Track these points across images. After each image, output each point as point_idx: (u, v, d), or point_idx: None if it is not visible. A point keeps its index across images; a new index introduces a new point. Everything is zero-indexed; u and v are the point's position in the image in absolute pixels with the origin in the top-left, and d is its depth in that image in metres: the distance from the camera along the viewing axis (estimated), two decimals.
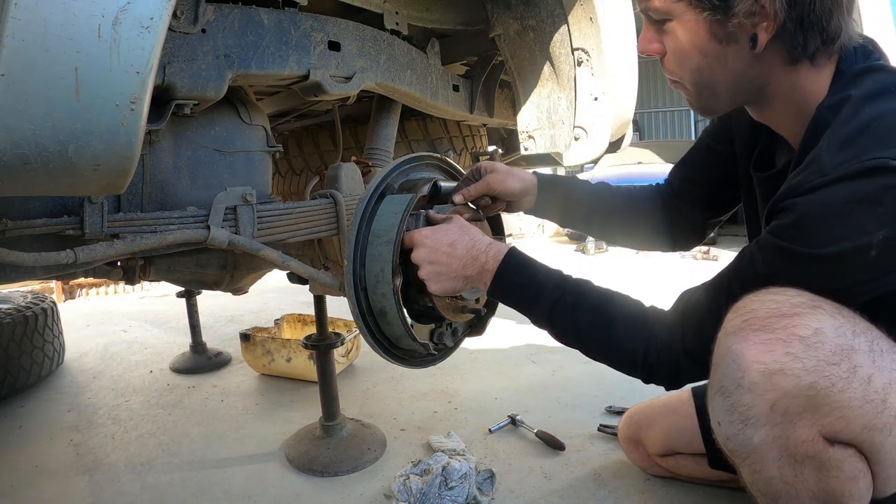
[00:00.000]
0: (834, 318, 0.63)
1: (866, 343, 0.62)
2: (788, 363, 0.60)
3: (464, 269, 0.89)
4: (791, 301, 0.64)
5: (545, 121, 1.67)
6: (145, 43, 0.59)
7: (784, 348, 0.61)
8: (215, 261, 1.37)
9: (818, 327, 0.61)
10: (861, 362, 0.61)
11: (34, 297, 2.55)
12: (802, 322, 0.62)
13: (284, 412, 2.00)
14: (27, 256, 0.84)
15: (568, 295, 0.87)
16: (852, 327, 0.63)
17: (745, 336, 0.64)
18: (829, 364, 0.60)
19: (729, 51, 0.75)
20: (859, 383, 0.60)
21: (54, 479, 1.59)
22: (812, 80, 0.76)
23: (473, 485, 1.38)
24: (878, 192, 0.61)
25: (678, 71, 0.82)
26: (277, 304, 3.80)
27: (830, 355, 0.60)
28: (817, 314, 0.63)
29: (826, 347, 0.60)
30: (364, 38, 1.23)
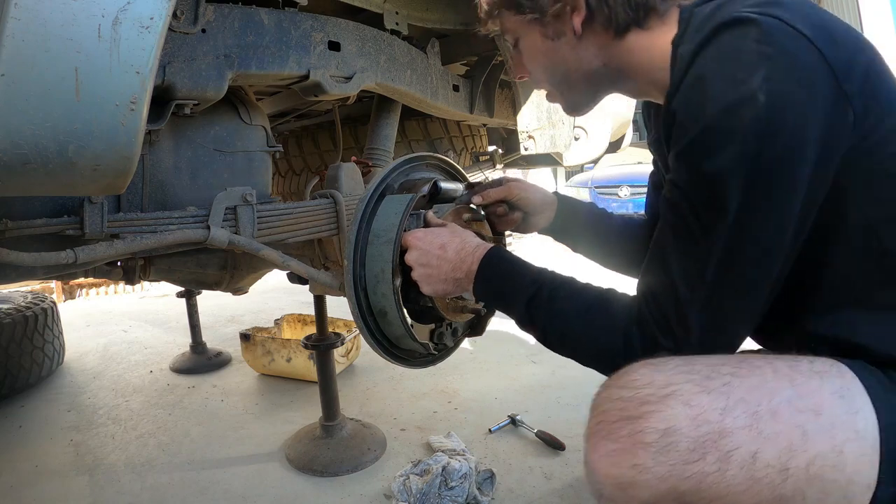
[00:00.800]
0: (690, 406, 0.56)
1: (744, 416, 0.56)
2: (637, 476, 0.55)
3: (453, 271, 0.88)
4: (639, 395, 0.58)
5: (545, 121, 1.67)
6: (145, 43, 0.59)
7: (630, 460, 0.55)
8: (215, 261, 1.37)
9: (668, 427, 0.55)
10: (737, 443, 0.55)
11: (34, 297, 2.55)
12: (648, 425, 0.56)
13: (284, 412, 2.00)
14: (27, 256, 0.84)
15: (544, 289, 0.80)
16: (723, 402, 0.56)
17: (595, 445, 0.59)
18: (687, 463, 0.54)
19: (561, 45, 0.81)
20: (739, 467, 0.54)
21: (54, 479, 1.59)
22: (653, 41, 0.76)
23: (473, 485, 1.38)
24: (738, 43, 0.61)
25: (540, 80, 0.89)
26: (277, 304, 3.80)
27: (688, 453, 0.54)
28: (668, 408, 0.56)
29: (681, 446, 0.55)
30: (364, 38, 1.23)
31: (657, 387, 0.58)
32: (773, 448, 0.55)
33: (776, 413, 0.56)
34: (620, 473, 0.56)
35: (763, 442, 0.55)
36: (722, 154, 0.61)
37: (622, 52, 0.79)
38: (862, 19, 4.78)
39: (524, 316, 0.81)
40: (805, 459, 0.55)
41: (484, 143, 2.30)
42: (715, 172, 0.62)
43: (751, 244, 0.63)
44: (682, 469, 0.54)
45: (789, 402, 0.56)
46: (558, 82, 0.86)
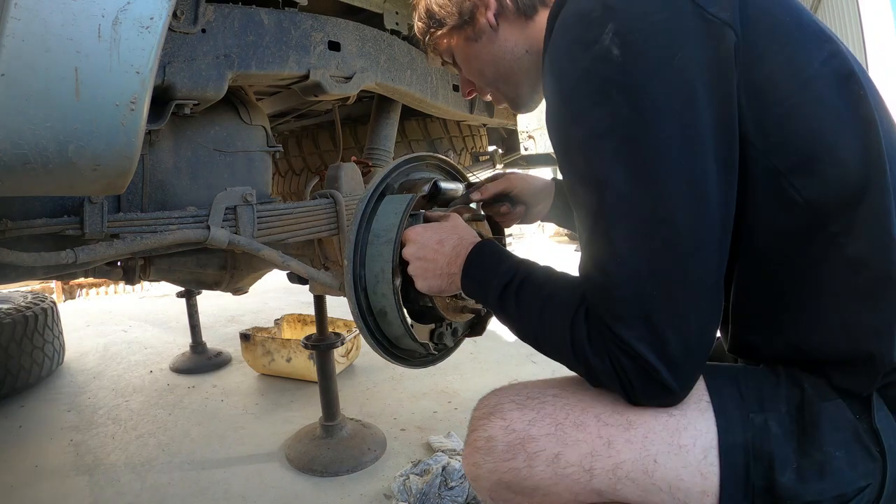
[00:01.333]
0: (504, 419, 0.70)
1: (549, 426, 0.67)
2: (475, 470, 0.71)
3: (448, 266, 0.86)
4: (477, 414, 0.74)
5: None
6: (145, 43, 0.59)
7: (471, 460, 0.72)
8: (215, 261, 1.37)
9: (488, 435, 0.70)
10: (541, 446, 0.66)
11: (34, 297, 2.55)
12: (476, 434, 0.71)
13: (284, 412, 2.00)
14: (27, 256, 0.84)
15: (517, 278, 0.75)
16: (532, 416, 0.69)
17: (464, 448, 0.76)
18: (505, 461, 0.68)
19: (484, 43, 0.83)
20: (545, 465, 0.66)
21: (54, 479, 1.59)
22: None
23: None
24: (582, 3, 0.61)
25: (482, 86, 0.91)
26: (277, 304, 3.80)
27: (503, 453, 0.68)
28: (489, 423, 0.71)
29: (498, 448, 0.68)
30: (364, 38, 1.23)
31: (489, 407, 0.73)
32: (575, 452, 0.65)
33: (581, 425, 0.66)
34: (469, 470, 0.73)
35: (564, 447, 0.66)
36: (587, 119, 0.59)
37: (539, 32, 0.79)
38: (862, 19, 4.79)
39: (496, 307, 0.77)
40: (611, 463, 0.64)
41: (484, 143, 2.30)
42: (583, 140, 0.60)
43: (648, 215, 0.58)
44: (501, 465, 0.68)
45: (598, 417, 0.66)
46: (494, 80, 0.88)
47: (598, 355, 0.63)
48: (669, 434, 0.63)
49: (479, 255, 0.82)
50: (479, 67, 0.87)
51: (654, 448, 0.63)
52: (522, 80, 0.87)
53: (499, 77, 0.87)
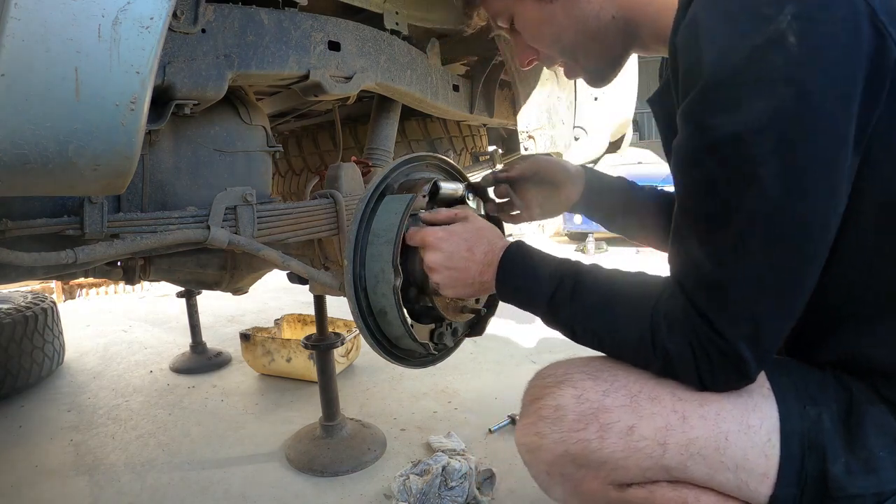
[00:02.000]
0: (575, 388, 0.68)
1: (624, 398, 0.66)
2: (538, 441, 0.69)
3: (480, 275, 0.82)
4: (543, 382, 0.72)
5: (545, 121, 1.67)
6: (145, 43, 0.59)
7: (534, 429, 0.69)
8: (215, 261, 1.37)
9: (557, 404, 0.68)
10: (615, 418, 0.65)
11: (34, 297, 2.54)
12: (544, 403, 0.69)
13: (284, 412, 2.00)
14: (27, 256, 0.84)
15: (566, 282, 0.73)
16: (606, 387, 0.67)
17: (519, 420, 0.75)
18: (574, 431, 0.66)
19: (563, 4, 0.73)
20: (617, 437, 0.65)
21: (54, 479, 1.59)
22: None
23: (473, 485, 1.38)
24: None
25: (552, 55, 0.80)
26: (277, 304, 3.80)
27: (574, 423, 0.66)
28: (560, 391, 0.69)
29: (568, 418, 0.67)
30: (364, 38, 1.23)
31: (557, 376, 0.72)
32: (650, 425, 0.64)
33: (657, 398, 0.65)
34: (529, 440, 0.70)
35: (640, 419, 0.65)
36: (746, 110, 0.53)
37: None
38: None
39: (547, 315, 0.76)
40: (685, 438, 0.63)
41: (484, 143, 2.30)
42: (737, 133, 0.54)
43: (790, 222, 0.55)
44: (570, 436, 0.66)
45: (672, 392, 0.65)
46: (571, 50, 0.77)
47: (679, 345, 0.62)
48: (740, 413, 0.63)
49: (513, 261, 0.80)
50: (553, 34, 0.76)
51: (726, 426, 0.63)
52: (605, 53, 0.77)
53: (578, 45, 0.76)
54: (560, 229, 7.94)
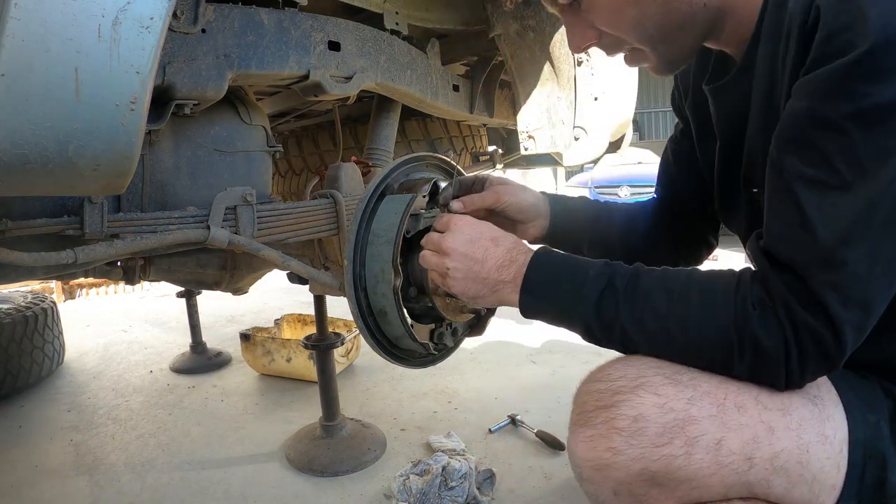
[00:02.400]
0: (658, 395, 0.60)
1: (711, 406, 0.59)
2: (611, 458, 0.60)
3: (498, 270, 0.74)
4: (612, 387, 0.62)
5: (545, 121, 1.67)
6: (145, 43, 0.59)
7: (605, 444, 0.60)
8: (215, 261, 1.37)
9: (637, 414, 0.59)
10: (703, 430, 0.59)
11: (34, 297, 2.54)
12: (620, 412, 0.60)
13: (284, 412, 2.00)
14: (27, 256, 0.84)
15: (617, 278, 0.66)
16: (690, 393, 0.60)
17: (575, 432, 0.64)
18: (656, 446, 0.58)
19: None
20: (705, 452, 0.58)
21: (54, 479, 1.59)
22: None
23: (473, 485, 1.38)
24: None
25: (622, 37, 0.71)
26: (277, 304, 3.80)
27: (656, 437, 0.59)
28: (636, 397, 0.60)
29: (650, 431, 0.59)
30: (364, 38, 1.23)
31: (629, 379, 0.62)
32: (738, 438, 0.58)
33: (742, 407, 0.60)
34: (597, 456, 0.61)
35: (728, 431, 0.58)
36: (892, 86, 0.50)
37: None
38: None
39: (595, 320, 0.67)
40: (770, 452, 0.58)
41: (484, 143, 2.30)
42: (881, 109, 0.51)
43: None
44: (652, 451, 0.58)
45: (756, 399, 0.60)
46: (652, 37, 0.70)
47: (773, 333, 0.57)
48: (818, 423, 0.60)
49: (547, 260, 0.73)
50: (635, 19, 0.68)
51: (807, 437, 0.60)
52: (686, 41, 0.70)
53: (662, 31, 0.69)
54: None
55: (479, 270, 0.75)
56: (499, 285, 0.74)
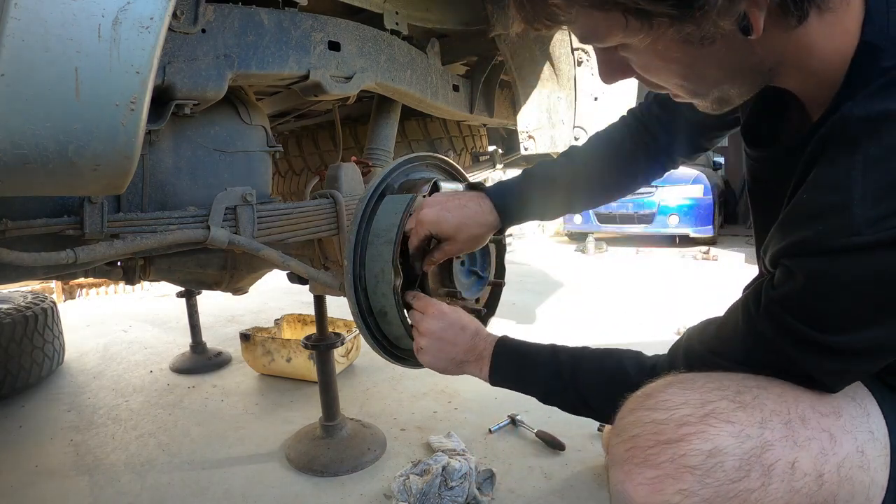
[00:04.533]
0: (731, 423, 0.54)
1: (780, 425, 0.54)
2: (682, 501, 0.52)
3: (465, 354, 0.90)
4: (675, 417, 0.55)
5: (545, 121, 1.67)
6: (145, 43, 0.59)
7: (675, 486, 0.52)
8: (215, 261, 1.37)
9: (713, 448, 0.52)
10: (778, 455, 0.53)
11: (34, 297, 2.54)
12: (692, 447, 0.53)
13: (284, 412, 2.00)
14: (27, 256, 0.84)
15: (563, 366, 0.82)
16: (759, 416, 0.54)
17: (630, 472, 0.55)
18: (733, 482, 0.52)
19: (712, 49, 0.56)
20: (780, 480, 0.52)
21: (54, 479, 1.58)
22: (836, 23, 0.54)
23: (473, 485, 1.38)
24: None
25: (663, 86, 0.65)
26: (277, 304, 3.80)
27: (734, 471, 0.52)
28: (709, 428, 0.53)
29: (727, 465, 0.52)
30: (364, 38, 1.23)
31: (694, 406, 0.55)
32: (807, 455, 0.53)
33: (805, 419, 0.55)
34: (664, 500, 0.52)
35: (799, 450, 0.53)
36: None
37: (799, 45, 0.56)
38: None
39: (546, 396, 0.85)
40: (835, 462, 0.54)
41: (484, 143, 2.30)
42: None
43: None
44: (728, 489, 0.52)
45: (812, 407, 0.56)
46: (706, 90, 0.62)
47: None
48: (863, 420, 0.58)
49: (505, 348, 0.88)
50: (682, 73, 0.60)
51: (861, 436, 0.56)
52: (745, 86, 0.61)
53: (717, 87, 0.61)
54: (560, 229, 7.95)
55: (450, 351, 0.89)
56: (464, 364, 0.90)
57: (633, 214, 6.59)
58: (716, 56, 0.57)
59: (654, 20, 0.53)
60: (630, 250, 6.39)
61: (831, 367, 0.55)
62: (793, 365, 0.56)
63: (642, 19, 0.53)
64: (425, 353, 0.91)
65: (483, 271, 1.12)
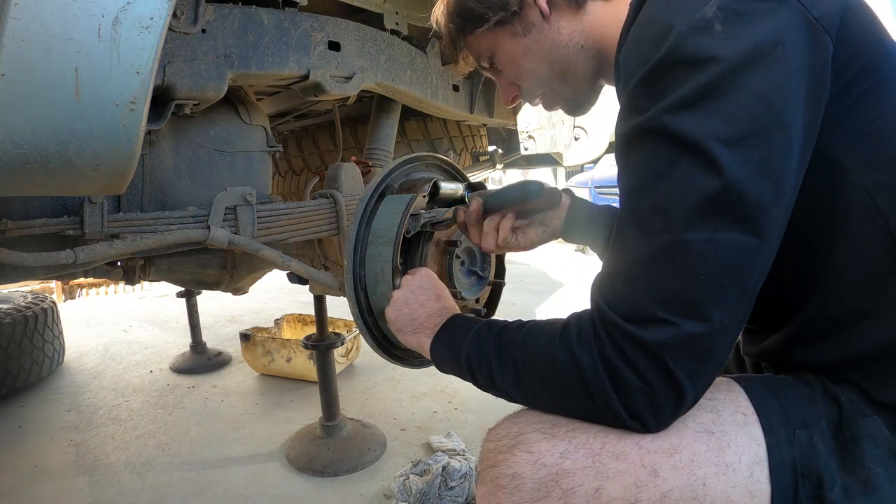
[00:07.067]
0: (531, 452, 0.63)
1: (585, 458, 0.61)
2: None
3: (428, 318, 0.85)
4: (497, 447, 0.66)
5: (545, 121, 1.67)
6: (145, 43, 0.59)
7: (493, 500, 0.64)
8: (215, 261, 1.37)
9: (513, 472, 0.63)
10: (578, 481, 0.60)
11: (34, 297, 2.55)
12: (500, 471, 0.64)
13: (284, 412, 2.00)
14: (27, 256, 0.84)
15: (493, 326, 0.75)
16: (563, 448, 0.62)
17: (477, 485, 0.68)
18: (535, 500, 0.61)
19: (535, 37, 0.77)
20: (584, 501, 0.60)
21: (54, 479, 1.59)
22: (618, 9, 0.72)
23: (473, 485, 1.38)
24: None
25: (531, 88, 0.83)
26: (277, 304, 3.80)
27: (534, 492, 0.61)
28: (513, 456, 0.63)
29: (527, 487, 0.62)
30: (364, 38, 1.23)
31: (510, 437, 0.66)
32: (617, 485, 0.60)
33: (621, 454, 0.60)
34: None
35: (605, 480, 0.60)
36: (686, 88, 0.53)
37: (593, 25, 0.75)
38: None
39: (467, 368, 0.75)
40: (658, 493, 0.59)
41: (484, 143, 2.30)
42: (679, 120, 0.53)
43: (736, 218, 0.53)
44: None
45: (637, 444, 0.61)
46: (548, 80, 0.80)
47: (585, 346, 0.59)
48: (715, 454, 0.60)
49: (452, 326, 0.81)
50: (529, 66, 0.79)
51: (702, 471, 0.59)
52: (580, 77, 0.79)
53: (553, 75, 0.79)
54: None
55: (415, 309, 0.86)
56: (420, 329, 0.84)
57: None
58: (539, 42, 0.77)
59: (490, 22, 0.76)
60: None
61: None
62: None
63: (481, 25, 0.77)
64: (393, 303, 0.87)
65: (483, 271, 1.12)
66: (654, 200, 0.55)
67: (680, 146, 0.53)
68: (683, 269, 0.54)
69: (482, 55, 0.83)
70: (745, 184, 0.52)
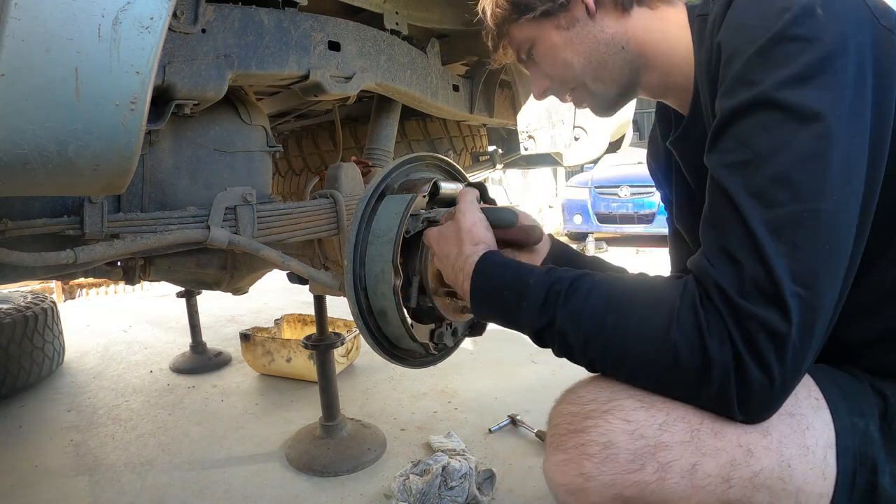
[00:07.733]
0: (627, 421, 0.59)
1: (684, 432, 0.59)
2: (584, 483, 0.60)
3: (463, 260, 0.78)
4: (584, 410, 0.63)
5: (545, 121, 1.67)
6: (145, 43, 0.59)
7: (577, 470, 0.61)
8: (215, 261, 1.37)
9: (607, 441, 0.60)
10: (675, 455, 0.59)
11: (34, 297, 2.55)
12: (590, 438, 0.61)
13: (284, 412, 2.00)
14: (27, 256, 0.84)
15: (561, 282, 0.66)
16: (662, 418, 0.59)
17: (549, 456, 0.65)
18: (628, 472, 0.59)
19: (578, 32, 0.78)
20: (679, 476, 0.58)
21: (54, 479, 1.59)
22: (665, 18, 0.76)
23: (473, 485, 1.38)
24: None
25: (564, 82, 0.84)
26: (277, 304, 3.80)
27: (627, 464, 0.59)
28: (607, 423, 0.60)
29: (620, 458, 0.59)
30: (364, 38, 1.23)
31: (600, 402, 0.62)
32: (713, 462, 0.59)
33: (720, 432, 0.59)
34: (570, 481, 0.61)
35: (703, 456, 0.59)
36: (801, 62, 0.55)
37: (637, 29, 0.77)
38: None
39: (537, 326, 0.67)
40: (750, 472, 0.59)
41: (484, 143, 2.30)
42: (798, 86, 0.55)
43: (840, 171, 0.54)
44: (624, 478, 0.59)
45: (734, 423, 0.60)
46: (582, 75, 0.81)
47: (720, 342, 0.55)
48: (798, 436, 0.61)
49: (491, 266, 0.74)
50: (567, 58, 0.80)
51: (789, 452, 0.60)
52: (615, 77, 0.80)
53: (589, 70, 0.80)
54: (560, 230, 7.95)
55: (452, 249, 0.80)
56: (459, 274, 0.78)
57: (633, 214, 6.59)
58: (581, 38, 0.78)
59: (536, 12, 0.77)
60: (630, 250, 6.39)
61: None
62: None
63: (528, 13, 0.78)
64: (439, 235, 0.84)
65: None
66: (774, 172, 0.55)
67: (797, 119, 0.55)
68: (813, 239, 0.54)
69: (522, 45, 0.84)
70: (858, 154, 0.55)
